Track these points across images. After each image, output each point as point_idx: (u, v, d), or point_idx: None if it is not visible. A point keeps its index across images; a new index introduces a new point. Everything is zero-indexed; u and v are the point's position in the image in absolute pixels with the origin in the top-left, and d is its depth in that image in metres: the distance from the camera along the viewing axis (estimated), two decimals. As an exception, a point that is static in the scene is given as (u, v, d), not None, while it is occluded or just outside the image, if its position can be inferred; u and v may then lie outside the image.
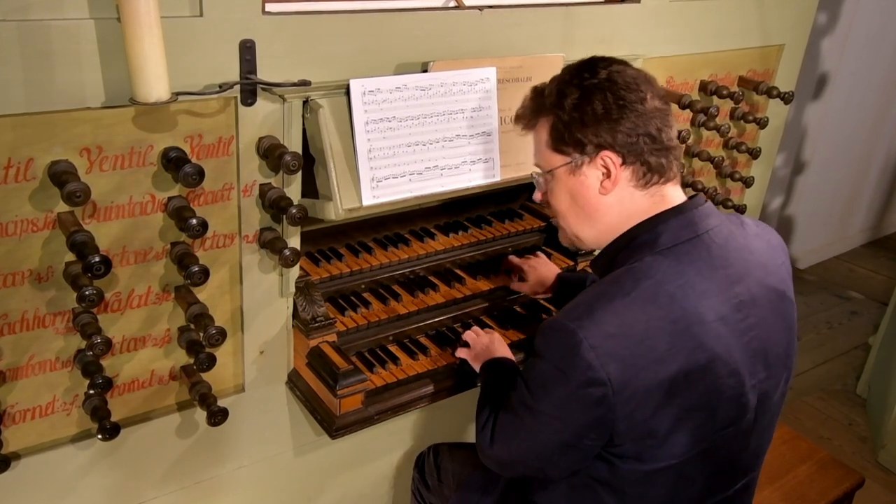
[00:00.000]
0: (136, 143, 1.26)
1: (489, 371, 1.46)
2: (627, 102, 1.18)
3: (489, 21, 1.60)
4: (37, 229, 1.22)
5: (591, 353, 1.09)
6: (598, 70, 1.21)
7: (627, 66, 1.23)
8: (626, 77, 1.20)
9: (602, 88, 1.19)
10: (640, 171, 1.21)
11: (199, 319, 1.35)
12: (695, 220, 1.20)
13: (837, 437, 2.90)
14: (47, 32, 1.13)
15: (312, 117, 1.41)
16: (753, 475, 1.33)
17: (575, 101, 1.21)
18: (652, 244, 1.19)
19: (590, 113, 1.19)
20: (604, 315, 1.11)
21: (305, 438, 1.72)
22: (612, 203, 1.23)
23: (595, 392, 1.10)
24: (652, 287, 1.13)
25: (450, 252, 1.83)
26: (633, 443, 1.15)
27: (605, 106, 1.18)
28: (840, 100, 3.84)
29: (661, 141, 1.20)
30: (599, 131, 1.19)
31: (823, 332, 3.64)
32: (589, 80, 1.21)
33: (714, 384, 1.14)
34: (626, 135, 1.19)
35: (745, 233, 1.26)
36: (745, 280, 1.19)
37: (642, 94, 1.19)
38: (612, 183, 1.21)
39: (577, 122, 1.21)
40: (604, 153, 1.20)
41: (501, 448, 1.26)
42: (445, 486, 1.65)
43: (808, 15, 2.29)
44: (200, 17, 1.24)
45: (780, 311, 1.24)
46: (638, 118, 1.18)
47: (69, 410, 1.38)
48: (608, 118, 1.19)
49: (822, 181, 4.06)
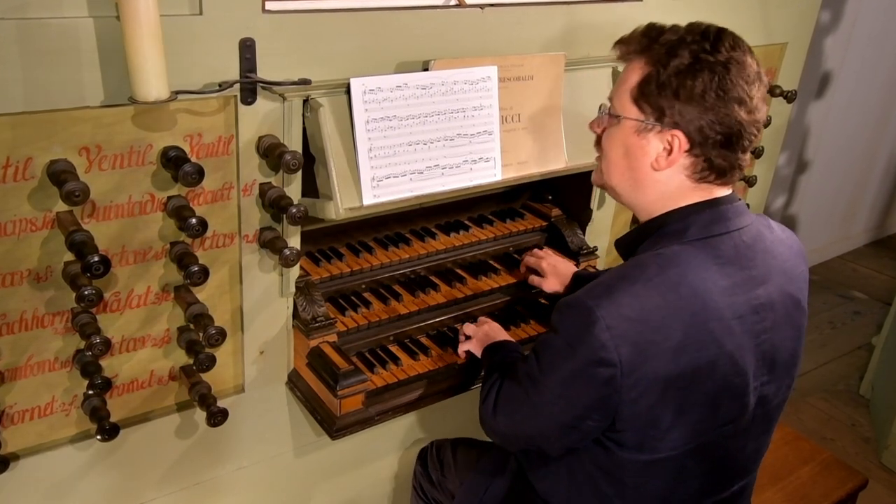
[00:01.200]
0: (135, 143, 1.26)
1: (493, 353, 1.46)
2: (728, 97, 1.11)
3: (490, 19, 1.59)
4: (35, 229, 1.22)
5: (605, 333, 1.08)
6: (721, 47, 1.13)
7: (752, 57, 1.16)
8: (744, 70, 1.13)
9: (713, 69, 1.12)
10: (700, 164, 1.16)
11: (199, 319, 1.34)
12: (727, 216, 1.18)
13: (840, 438, 2.89)
14: (46, 31, 1.12)
15: (313, 116, 1.40)
16: (749, 479, 1.33)
17: (681, 67, 1.13)
18: (681, 234, 1.17)
19: (688, 87, 1.12)
20: (623, 297, 1.10)
21: (306, 439, 1.71)
22: (659, 180, 1.19)
23: (604, 372, 1.10)
24: (676, 276, 1.11)
25: (451, 252, 1.83)
26: (635, 431, 1.15)
27: (705, 89, 1.11)
28: (843, 98, 3.82)
29: (736, 147, 1.15)
30: (686, 110, 1.13)
31: (826, 333, 3.63)
32: (706, 54, 1.13)
33: (722, 381, 1.14)
34: (708, 126, 1.13)
35: (773, 236, 1.25)
36: (766, 284, 1.18)
37: (749, 94, 1.13)
38: (669, 163, 1.17)
39: (671, 89, 1.13)
40: (676, 132, 1.15)
41: (504, 419, 1.26)
42: (449, 481, 1.65)
43: (811, 13, 2.29)
44: (200, 15, 1.24)
45: (794, 320, 1.24)
46: (728, 118, 1.12)
47: (68, 411, 1.37)
48: (701, 102, 1.12)
49: (825, 180, 4.05)
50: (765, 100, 1.18)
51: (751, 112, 1.14)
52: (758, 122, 1.16)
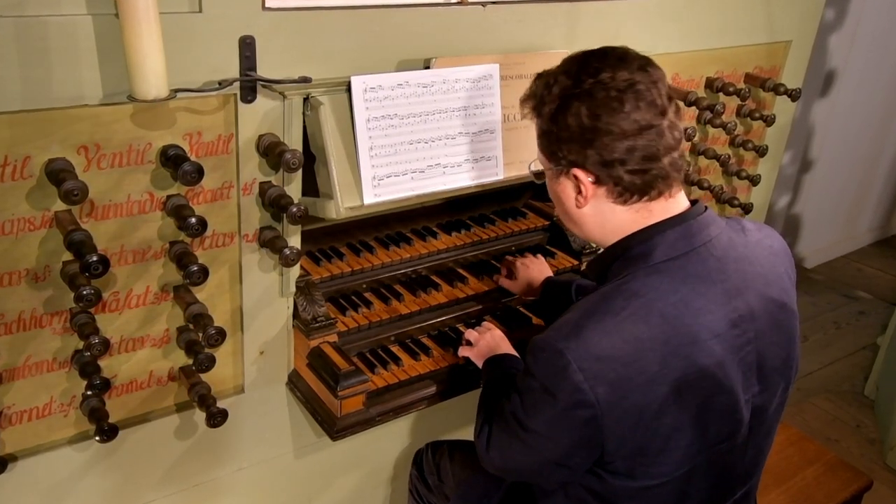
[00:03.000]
0: (134, 141, 1.25)
1: (492, 368, 1.46)
2: (602, 123, 1.11)
3: (492, 17, 1.58)
4: (34, 228, 1.22)
5: (578, 375, 1.06)
6: (582, 76, 1.13)
7: (623, 65, 1.13)
8: (611, 89, 1.11)
9: (581, 100, 1.12)
10: (615, 190, 1.15)
11: (199, 319, 1.34)
12: (692, 232, 1.16)
13: (845, 439, 2.88)
14: (44, 28, 1.11)
15: (313, 115, 1.40)
16: (752, 483, 1.32)
17: (552, 112, 1.16)
18: (646, 257, 1.15)
19: (564, 128, 1.14)
20: (592, 335, 1.08)
21: (306, 440, 1.71)
22: (590, 214, 1.20)
23: (583, 413, 1.09)
24: (643, 306, 1.09)
25: (452, 251, 1.82)
26: (624, 460, 1.14)
27: (579, 122, 1.12)
28: (848, 97, 3.81)
29: (640, 161, 1.12)
30: (572, 148, 1.15)
31: (831, 333, 3.61)
32: (568, 90, 1.14)
33: (706, 403, 1.12)
34: (597, 155, 1.12)
35: (747, 240, 1.22)
36: (743, 293, 1.16)
37: (624, 110, 1.10)
38: (585, 199, 1.18)
39: (553, 135, 1.17)
40: (574, 170, 1.16)
41: (497, 456, 1.26)
42: (446, 486, 1.64)
43: (815, 11, 2.28)
44: (200, 12, 1.23)
45: (780, 323, 1.21)
46: (613, 140, 1.11)
47: (66, 412, 1.37)
48: (581, 137, 1.13)
49: (830, 179, 4.03)
50: (656, 96, 1.12)
51: (636, 123, 1.11)
52: (650, 126, 1.11)
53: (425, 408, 1.57)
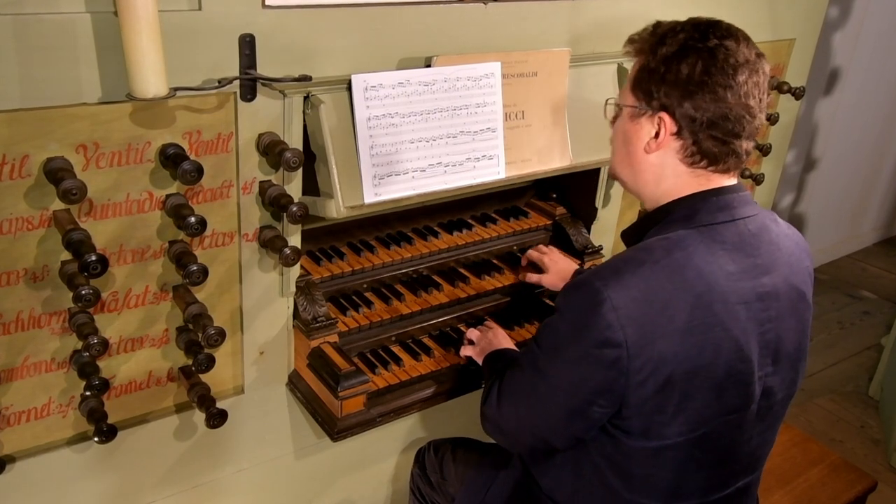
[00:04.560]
0: (133, 140, 1.25)
1: (493, 361, 1.46)
2: (712, 82, 1.14)
3: (494, 15, 1.58)
4: (32, 227, 1.21)
5: (612, 313, 1.09)
6: (710, 35, 1.17)
7: (747, 46, 1.18)
8: (732, 57, 1.15)
9: (698, 55, 1.15)
10: (689, 148, 1.19)
11: (198, 319, 1.33)
12: (733, 205, 1.20)
13: (849, 440, 2.87)
14: (43, 26, 1.11)
15: (313, 113, 1.39)
16: (754, 477, 1.32)
17: (667, 55, 1.18)
18: (688, 220, 1.19)
19: (673, 72, 1.17)
20: (630, 278, 1.11)
21: (306, 441, 1.70)
22: (654, 163, 1.23)
23: (610, 353, 1.10)
24: (682, 258, 1.13)
25: (454, 251, 1.81)
26: (641, 417, 1.15)
27: (690, 72, 1.15)
28: (852, 95, 3.79)
29: (726, 132, 1.16)
30: (671, 93, 1.17)
31: (835, 333, 3.60)
32: (693, 42, 1.17)
33: (726, 365, 1.14)
34: (692, 109, 1.16)
35: (779, 230, 1.26)
36: (771, 273, 1.19)
37: (736, 81, 1.15)
38: (658, 145, 1.20)
39: (658, 75, 1.18)
40: (662, 114, 1.18)
41: (508, 411, 1.26)
42: (449, 484, 1.64)
43: (819, 9, 2.27)
44: (199, 10, 1.23)
45: (798, 312, 1.24)
46: (713, 101, 1.14)
47: (65, 412, 1.36)
48: (685, 86, 1.15)
49: (834, 178, 4.02)
50: (760, 88, 1.18)
51: (739, 97, 1.15)
52: (749, 107, 1.17)
53: (426, 408, 1.56)
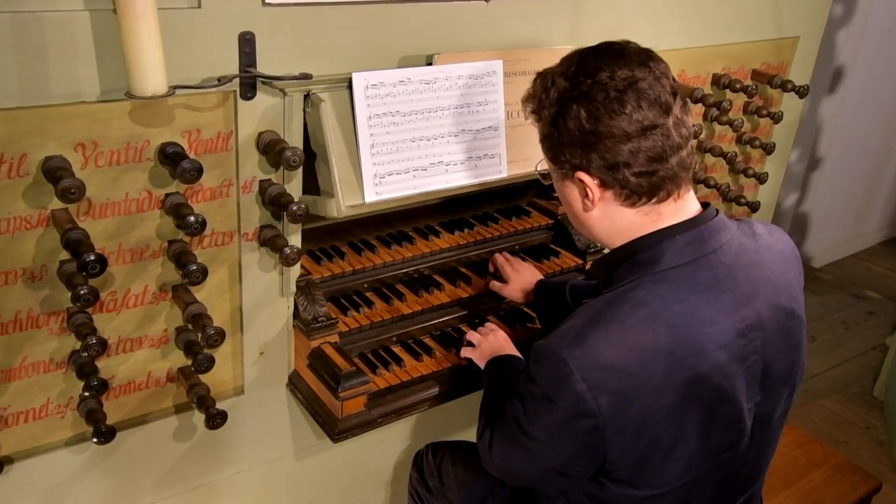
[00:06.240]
0: (132, 138, 1.24)
1: (494, 369, 1.44)
2: (603, 125, 1.07)
3: (495, 13, 1.57)
4: (30, 227, 1.21)
5: (581, 384, 1.04)
6: (580, 77, 1.09)
7: (625, 63, 1.08)
8: (612, 88, 1.07)
9: (577, 103, 1.09)
10: (622, 193, 1.11)
11: (198, 320, 1.33)
12: (702, 238, 1.12)
13: (854, 441, 2.85)
14: (41, 24, 1.10)
15: (314, 112, 1.38)
16: (756, 488, 1.30)
17: (552, 116, 1.13)
18: (654, 263, 1.11)
19: (563, 131, 1.11)
20: (597, 343, 1.05)
21: (306, 442, 1.70)
22: (599, 217, 1.16)
23: (585, 423, 1.07)
24: (649, 315, 1.06)
25: (455, 250, 1.80)
26: (626, 470, 1.12)
27: (579, 126, 1.09)
28: (856, 94, 3.77)
29: (646, 162, 1.08)
30: (574, 153, 1.11)
31: (839, 333, 3.58)
32: (567, 92, 1.10)
33: (710, 413, 1.10)
34: (601, 159, 1.09)
35: (758, 245, 1.19)
36: (752, 301, 1.13)
37: (625, 110, 1.06)
38: (593, 203, 1.14)
39: (554, 139, 1.13)
40: (579, 174, 1.12)
41: (499, 460, 1.25)
42: (447, 488, 1.63)
43: (823, 6, 2.26)
44: (199, 8, 1.22)
45: (787, 331, 1.19)
46: (616, 143, 1.07)
47: (63, 413, 1.36)
48: (582, 142, 1.09)
49: (838, 177, 4.00)
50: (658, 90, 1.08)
51: (640, 123, 1.06)
52: (655, 125, 1.07)
53: (428, 409, 1.55)
